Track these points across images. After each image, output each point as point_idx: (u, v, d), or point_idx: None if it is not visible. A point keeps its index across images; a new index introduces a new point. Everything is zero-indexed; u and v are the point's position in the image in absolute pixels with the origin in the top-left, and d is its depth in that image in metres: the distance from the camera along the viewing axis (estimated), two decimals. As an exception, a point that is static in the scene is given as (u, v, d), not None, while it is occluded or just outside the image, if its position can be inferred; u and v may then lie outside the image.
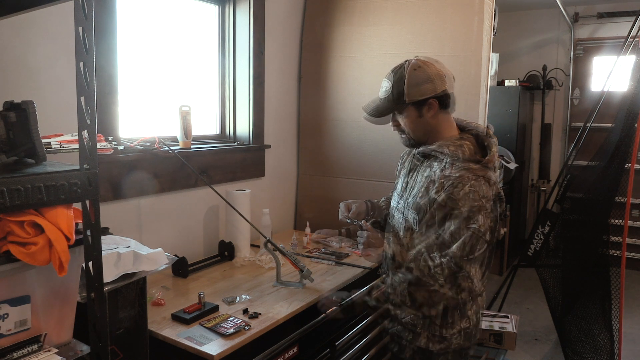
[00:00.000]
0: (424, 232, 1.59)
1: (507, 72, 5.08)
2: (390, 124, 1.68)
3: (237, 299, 1.79)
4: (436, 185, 1.54)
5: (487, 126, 1.72)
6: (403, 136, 1.67)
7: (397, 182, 1.82)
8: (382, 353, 2.24)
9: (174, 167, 2.19)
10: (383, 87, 1.62)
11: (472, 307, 1.65)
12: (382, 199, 2.02)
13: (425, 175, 1.62)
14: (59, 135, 1.32)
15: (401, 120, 1.62)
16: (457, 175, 1.51)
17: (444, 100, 1.59)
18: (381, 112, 1.63)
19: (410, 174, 1.71)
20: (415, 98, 1.56)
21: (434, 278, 1.50)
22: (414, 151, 1.72)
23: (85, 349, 1.19)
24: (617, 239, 2.73)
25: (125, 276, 1.32)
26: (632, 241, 4.81)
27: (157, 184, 2.12)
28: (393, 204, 1.79)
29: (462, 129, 1.68)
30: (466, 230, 1.48)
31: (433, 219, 1.56)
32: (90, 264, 1.10)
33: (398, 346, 1.76)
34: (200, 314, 1.65)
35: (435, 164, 1.60)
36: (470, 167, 1.52)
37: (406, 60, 1.61)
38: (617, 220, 2.71)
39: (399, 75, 1.57)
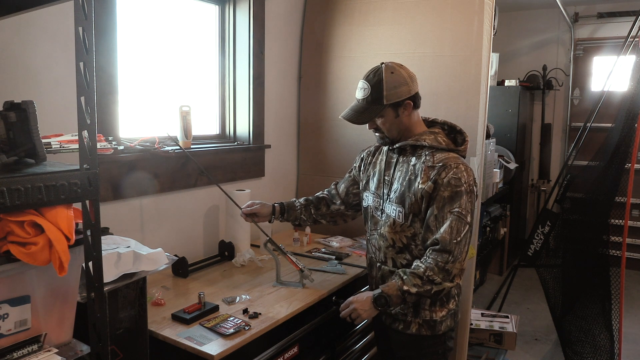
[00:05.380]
0: (410, 224, 1.68)
1: (507, 72, 5.08)
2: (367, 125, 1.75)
3: (237, 299, 1.79)
4: (421, 176, 1.64)
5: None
6: (377, 135, 1.76)
7: (367, 181, 1.88)
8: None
9: (174, 167, 2.19)
10: (361, 89, 1.69)
11: (456, 288, 1.76)
12: (302, 199, 2.07)
13: (404, 170, 1.71)
14: (59, 135, 1.32)
15: (378, 121, 1.70)
16: (440, 164, 1.62)
17: (416, 101, 1.70)
18: (363, 116, 1.69)
19: (386, 171, 1.78)
20: (393, 100, 1.65)
21: (431, 281, 1.58)
22: (385, 148, 1.82)
23: (85, 349, 1.19)
24: (617, 239, 2.73)
25: (125, 276, 1.32)
26: (632, 241, 4.81)
27: (157, 184, 2.12)
28: (368, 203, 1.85)
29: (430, 124, 1.79)
30: (449, 214, 1.58)
31: (419, 208, 1.65)
32: (90, 264, 1.10)
33: (388, 338, 1.84)
34: (200, 314, 1.65)
35: (414, 158, 1.70)
36: (451, 156, 1.65)
37: (382, 63, 1.68)
38: (617, 220, 2.71)
39: (377, 78, 1.65)
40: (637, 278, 4.66)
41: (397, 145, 1.73)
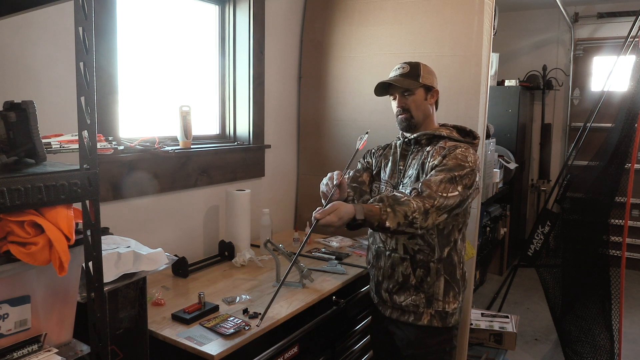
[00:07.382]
0: None
1: (507, 72, 5.08)
2: (396, 110, 1.82)
3: (237, 299, 1.79)
4: (433, 155, 1.72)
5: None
6: (401, 116, 1.81)
7: (378, 172, 1.93)
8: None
9: (174, 167, 2.19)
10: (400, 68, 1.81)
11: (466, 288, 1.86)
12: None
13: (418, 157, 1.78)
14: (59, 135, 1.32)
15: (409, 99, 1.79)
16: (452, 144, 1.73)
17: (438, 97, 1.87)
18: (407, 82, 1.78)
19: (400, 161, 1.85)
20: (427, 82, 1.80)
21: (411, 224, 1.55)
22: (395, 144, 1.88)
23: (85, 349, 1.19)
24: (617, 239, 2.73)
25: (125, 276, 1.32)
26: (632, 241, 4.81)
27: (157, 184, 2.12)
28: (381, 191, 1.87)
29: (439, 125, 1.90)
30: (444, 173, 1.63)
31: None
32: (90, 264, 1.10)
33: (391, 337, 1.85)
34: (200, 314, 1.65)
35: (429, 147, 1.78)
36: (463, 144, 1.75)
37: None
38: (617, 220, 2.71)
39: (415, 62, 1.82)
40: (637, 278, 4.67)
41: (414, 135, 1.80)
